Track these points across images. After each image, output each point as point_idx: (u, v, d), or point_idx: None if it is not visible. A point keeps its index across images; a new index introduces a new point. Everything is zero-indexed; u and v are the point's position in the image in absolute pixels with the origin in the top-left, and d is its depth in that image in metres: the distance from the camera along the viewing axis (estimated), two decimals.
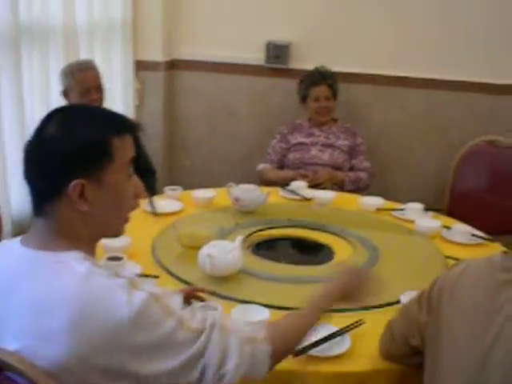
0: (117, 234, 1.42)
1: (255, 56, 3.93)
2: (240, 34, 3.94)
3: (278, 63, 3.93)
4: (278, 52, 3.90)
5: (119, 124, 1.35)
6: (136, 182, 1.39)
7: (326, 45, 3.87)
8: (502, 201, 3.60)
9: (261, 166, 3.67)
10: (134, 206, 1.40)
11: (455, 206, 3.64)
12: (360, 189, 3.56)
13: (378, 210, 2.93)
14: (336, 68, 3.74)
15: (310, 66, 3.76)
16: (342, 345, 1.69)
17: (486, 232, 2.70)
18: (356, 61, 3.87)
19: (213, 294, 1.93)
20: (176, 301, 1.31)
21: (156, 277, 2.07)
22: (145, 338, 1.21)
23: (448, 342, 1.43)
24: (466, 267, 1.52)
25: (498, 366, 1.32)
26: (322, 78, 3.69)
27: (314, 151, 3.65)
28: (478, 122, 3.81)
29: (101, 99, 3.04)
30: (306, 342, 1.64)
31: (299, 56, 3.90)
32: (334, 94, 3.71)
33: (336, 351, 1.67)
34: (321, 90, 3.67)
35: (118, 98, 3.75)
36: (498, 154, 3.67)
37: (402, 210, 2.91)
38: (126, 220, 1.39)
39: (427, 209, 2.90)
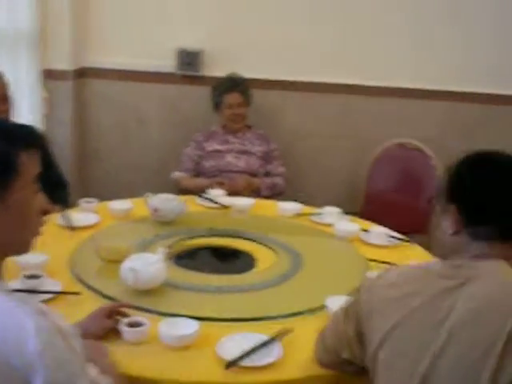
0: (23, 251, 1.34)
1: (167, 63, 3.89)
2: (151, 41, 3.88)
3: (189, 70, 3.90)
4: (189, 59, 3.87)
5: (26, 138, 1.28)
6: (42, 198, 1.33)
7: (237, 51, 3.87)
8: (412, 201, 3.72)
9: (176, 175, 3.63)
10: (41, 224, 1.34)
11: (369, 208, 3.72)
12: (276, 194, 3.58)
13: (297, 215, 2.94)
14: (248, 74, 3.74)
15: (222, 72, 3.75)
16: (274, 353, 1.68)
17: (399, 232, 2.76)
18: (268, 67, 3.89)
19: (137, 308, 1.88)
20: (80, 342, 1.26)
21: (77, 293, 2.00)
22: (48, 378, 1.15)
23: (389, 355, 1.40)
24: (397, 277, 1.49)
25: (445, 375, 1.31)
26: (235, 85, 3.69)
27: (229, 158, 3.64)
28: (388, 125, 3.90)
29: (8, 110, 2.92)
30: (238, 353, 1.64)
31: (211, 63, 3.88)
32: (247, 101, 3.71)
33: (268, 360, 1.65)
34: (234, 97, 3.67)
35: (25, 108, 3.61)
36: (407, 156, 3.78)
37: (319, 214, 2.94)
38: (35, 235, 1.33)
39: (344, 212, 2.94)
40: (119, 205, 2.84)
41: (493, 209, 1.39)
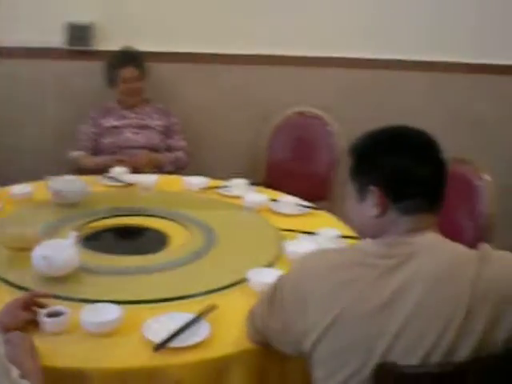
0: None
1: (56, 39, 3.70)
2: (38, 16, 3.67)
3: (80, 45, 3.73)
4: (79, 33, 3.71)
5: None
6: None
7: (131, 24, 3.74)
8: (313, 169, 3.77)
9: (75, 154, 3.49)
10: None
11: (271, 177, 3.73)
12: (179, 169, 3.53)
13: (204, 189, 2.92)
14: (143, 47, 3.63)
15: (115, 46, 3.62)
16: (201, 331, 1.66)
17: (303, 200, 2.80)
18: (164, 39, 3.78)
19: (54, 297, 1.81)
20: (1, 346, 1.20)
21: None
22: None
23: (332, 347, 1.36)
24: (330, 262, 1.44)
25: (402, 356, 1.30)
26: (130, 58, 3.58)
27: (128, 134, 3.55)
28: (287, 94, 3.89)
29: None
30: (165, 335, 1.61)
31: (103, 37, 3.74)
32: (143, 75, 3.62)
33: (196, 339, 1.63)
34: (129, 72, 3.56)
35: None
36: (306, 124, 3.82)
37: (227, 187, 2.93)
38: None
39: (252, 183, 2.95)
40: (19, 189, 2.73)
41: (418, 182, 1.40)
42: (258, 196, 2.78)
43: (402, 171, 1.40)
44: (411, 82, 3.95)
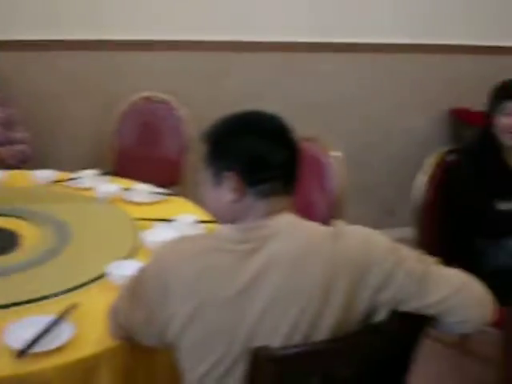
0: None
1: None
2: None
3: None
4: None
5: None
6: None
7: None
8: (163, 154, 3.75)
9: None
10: None
11: (121, 166, 3.65)
12: (22, 162, 3.37)
13: (53, 182, 2.81)
14: None
15: None
16: (65, 333, 1.60)
17: (155, 186, 2.78)
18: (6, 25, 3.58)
19: None
20: None
21: None
22: None
23: (196, 338, 1.37)
24: (189, 251, 1.42)
25: (264, 341, 1.31)
26: None
27: None
28: (133, 79, 3.82)
29: None
30: (26, 341, 1.54)
31: None
32: None
33: (61, 340, 1.57)
34: None
35: None
36: (153, 109, 3.77)
37: (77, 178, 2.84)
38: None
39: (103, 173, 2.88)
40: None
41: (274, 166, 1.41)
42: (110, 186, 2.71)
43: (257, 156, 1.41)
44: (256, 65, 4.00)
